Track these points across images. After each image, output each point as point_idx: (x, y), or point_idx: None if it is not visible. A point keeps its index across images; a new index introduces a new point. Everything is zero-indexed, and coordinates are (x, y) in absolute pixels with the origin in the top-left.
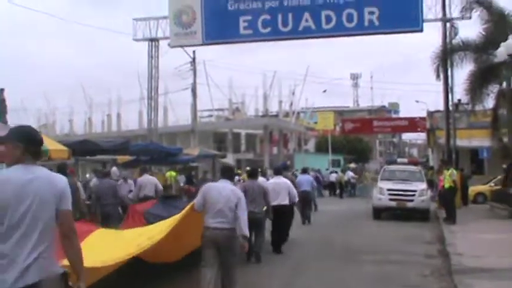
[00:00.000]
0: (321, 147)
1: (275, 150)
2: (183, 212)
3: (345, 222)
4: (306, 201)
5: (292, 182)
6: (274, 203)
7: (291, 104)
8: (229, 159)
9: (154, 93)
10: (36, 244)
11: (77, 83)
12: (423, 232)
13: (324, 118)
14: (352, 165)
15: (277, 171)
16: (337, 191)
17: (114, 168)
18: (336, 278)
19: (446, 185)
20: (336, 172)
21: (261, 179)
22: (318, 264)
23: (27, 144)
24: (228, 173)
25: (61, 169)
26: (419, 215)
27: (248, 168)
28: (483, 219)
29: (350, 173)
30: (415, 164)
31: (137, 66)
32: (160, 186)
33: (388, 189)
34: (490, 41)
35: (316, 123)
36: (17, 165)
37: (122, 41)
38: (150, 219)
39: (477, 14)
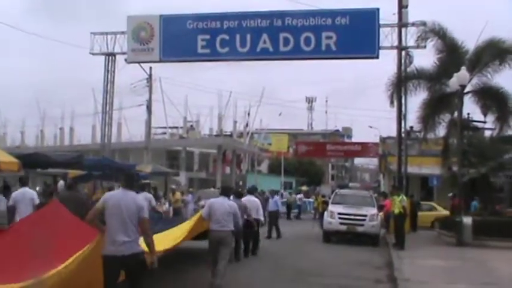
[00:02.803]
0: (274, 169)
1: (228, 170)
2: (194, 218)
3: (295, 244)
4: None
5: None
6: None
7: (246, 125)
8: (182, 177)
9: (108, 108)
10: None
11: (31, 95)
12: (372, 257)
13: (278, 140)
14: (304, 187)
15: (250, 191)
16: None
17: (61, 182)
18: None
19: (396, 211)
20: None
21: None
22: (269, 287)
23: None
24: (226, 191)
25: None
26: (369, 240)
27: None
28: (431, 246)
29: (298, 195)
30: (367, 189)
31: (92, 81)
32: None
33: (339, 213)
34: (444, 70)
35: (270, 144)
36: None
37: (79, 54)
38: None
39: (432, 43)
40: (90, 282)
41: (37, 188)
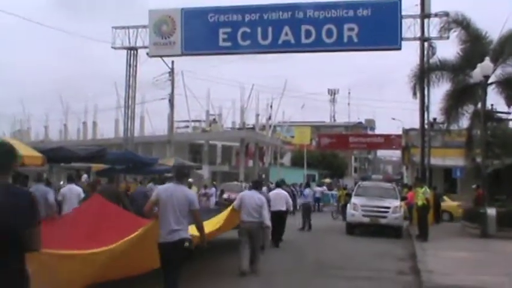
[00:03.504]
0: (297, 162)
1: (251, 163)
2: (228, 209)
3: (318, 236)
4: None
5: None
6: (274, 208)
7: (269, 118)
8: (205, 170)
9: (131, 102)
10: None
11: (54, 89)
12: (395, 249)
13: (300, 133)
14: (327, 180)
15: (278, 185)
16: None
17: (85, 176)
18: None
19: (420, 203)
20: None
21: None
22: (289, 278)
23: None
24: (257, 185)
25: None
26: (392, 232)
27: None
28: (454, 238)
29: (321, 188)
30: (390, 181)
31: (115, 75)
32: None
33: (362, 205)
34: (467, 61)
35: (292, 137)
36: (171, 183)
37: (101, 49)
38: None
39: (455, 34)
40: (140, 262)
41: (61, 182)
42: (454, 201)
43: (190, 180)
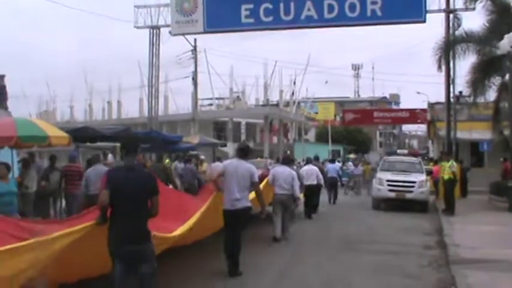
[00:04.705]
0: (321, 138)
1: (275, 139)
2: (263, 183)
3: (344, 212)
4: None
5: (320, 169)
6: (306, 183)
7: (292, 94)
8: (230, 148)
9: (154, 81)
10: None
11: (78, 70)
12: (422, 223)
13: (324, 108)
14: (352, 155)
15: (309, 161)
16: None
17: (110, 156)
18: (334, 267)
19: (446, 177)
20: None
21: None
22: (316, 253)
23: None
24: (287, 161)
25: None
26: (418, 206)
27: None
28: (481, 211)
29: (348, 163)
30: (415, 155)
31: (138, 54)
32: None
33: (388, 180)
34: (494, 32)
35: (316, 113)
36: (234, 159)
37: (124, 28)
38: None
39: (481, 5)
40: (212, 227)
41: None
42: None
43: (202, 157)
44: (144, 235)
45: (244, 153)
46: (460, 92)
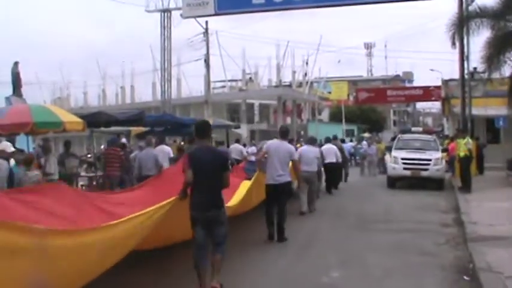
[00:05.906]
0: (335, 117)
1: (289, 120)
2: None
3: (360, 191)
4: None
5: (339, 148)
6: (326, 161)
7: (305, 74)
8: (243, 129)
9: (167, 65)
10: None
11: (90, 55)
12: (438, 201)
13: (337, 88)
14: (366, 134)
15: (328, 140)
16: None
17: (124, 140)
18: (351, 246)
19: (462, 154)
20: (351, 141)
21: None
22: (333, 232)
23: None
24: (311, 141)
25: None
26: (434, 184)
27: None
28: (498, 188)
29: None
30: (430, 133)
31: (150, 38)
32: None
33: (403, 158)
34: (508, 7)
35: (329, 93)
36: (276, 140)
37: (135, 12)
38: (248, 172)
39: None
40: (254, 203)
41: (101, 146)
42: None
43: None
44: (220, 203)
45: (285, 134)
46: (475, 68)
